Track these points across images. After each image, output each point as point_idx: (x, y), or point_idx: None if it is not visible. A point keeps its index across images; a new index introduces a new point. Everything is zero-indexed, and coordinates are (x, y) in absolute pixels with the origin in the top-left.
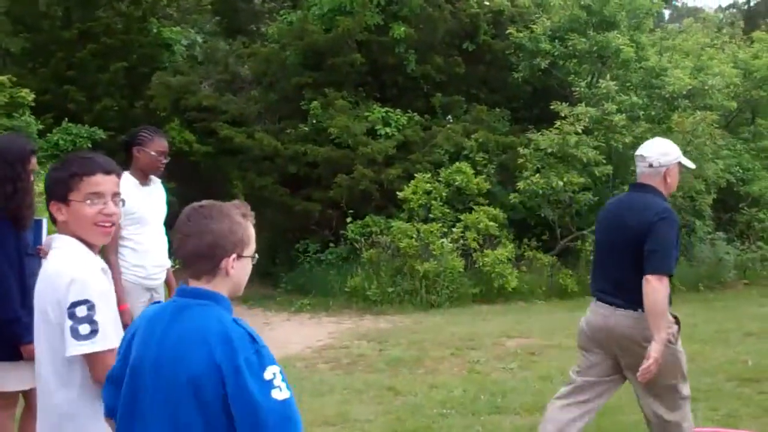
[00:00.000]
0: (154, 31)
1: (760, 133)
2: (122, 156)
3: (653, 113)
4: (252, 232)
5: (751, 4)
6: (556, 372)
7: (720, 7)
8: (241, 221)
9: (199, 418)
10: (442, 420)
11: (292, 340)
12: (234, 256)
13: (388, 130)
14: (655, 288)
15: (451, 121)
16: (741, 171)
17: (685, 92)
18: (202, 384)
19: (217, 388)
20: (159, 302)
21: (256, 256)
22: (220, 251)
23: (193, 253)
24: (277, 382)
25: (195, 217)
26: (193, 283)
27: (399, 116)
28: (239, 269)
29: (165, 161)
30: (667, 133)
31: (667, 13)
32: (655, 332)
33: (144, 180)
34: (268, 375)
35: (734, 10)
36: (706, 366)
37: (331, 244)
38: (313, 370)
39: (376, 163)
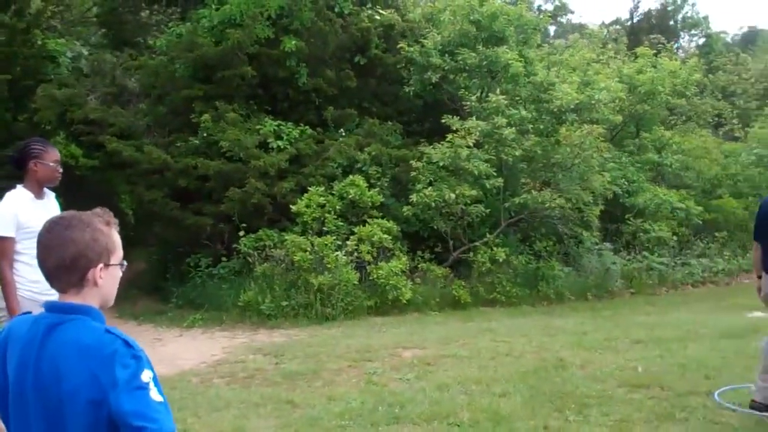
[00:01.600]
0: (39, 42)
1: (645, 146)
2: (8, 169)
3: (542, 127)
4: (117, 239)
5: (634, 20)
6: (453, 381)
7: (603, 23)
8: (103, 229)
9: (86, 430)
10: (341, 431)
11: (184, 355)
12: (101, 265)
13: (280, 143)
14: None
15: (344, 134)
16: (626, 183)
17: (572, 106)
18: (83, 397)
19: (97, 398)
20: (29, 312)
21: (125, 263)
22: (85, 261)
23: (57, 266)
24: (153, 385)
25: (56, 229)
26: (62, 298)
27: (291, 129)
28: (107, 278)
29: (61, 171)
30: (555, 146)
31: (552, 29)
32: None
33: (39, 193)
34: (145, 378)
35: (618, 27)
36: (596, 373)
37: (224, 258)
38: (209, 385)
39: (268, 176)
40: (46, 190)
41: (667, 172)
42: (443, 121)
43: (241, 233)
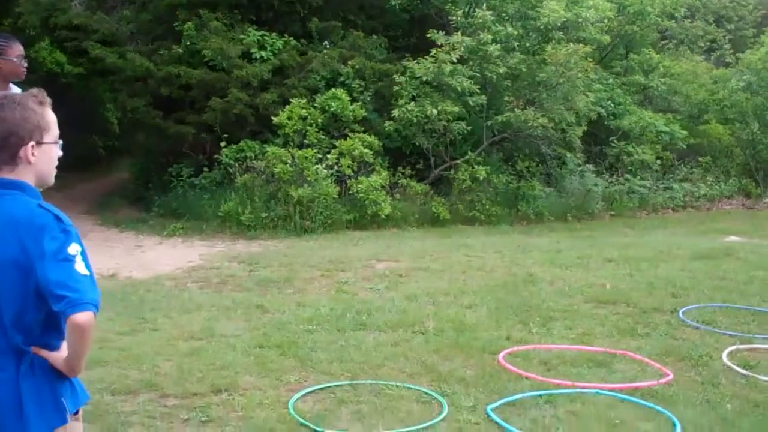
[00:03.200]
0: None
1: (632, 68)
2: None
3: (528, 44)
4: (51, 117)
5: None
6: (422, 292)
7: None
8: (35, 108)
9: (20, 297)
10: (308, 335)
11: (162, 261)
12: (32, 143)
13: (263, 53)
14: None
15: (328, 46)
16: (612, 105)
17: (559, 24)
18: (13, 267)
19: (26, 268)
20: None
21: (60, 141)
22: (16, 139)
23: None
24: (79, 258)
25: None
26: None
27: (275, 40)
28: (41, 156)
29: (26, 65)
30: (541, 64)
31: None
32: None
33: (4, 88)
34: (72, 251)
35: None
36: (565, 288)
37: (205, 169)
38: (182, 289)
39: (251, 87)
40: (11, 85)
41: (654, 95)
42: (428, 35)
43: (223, 144)
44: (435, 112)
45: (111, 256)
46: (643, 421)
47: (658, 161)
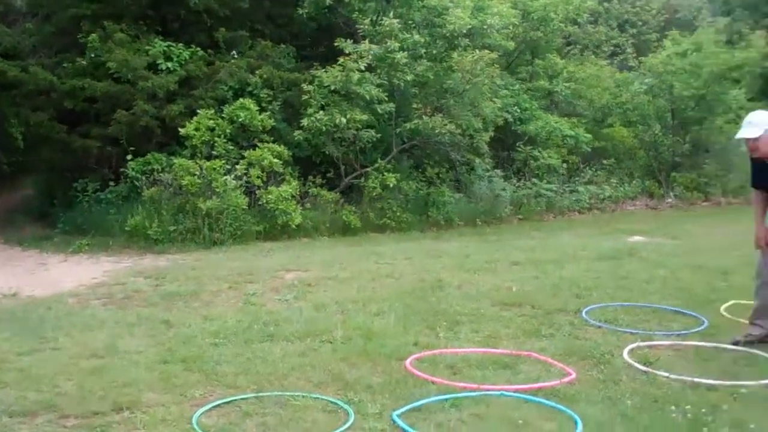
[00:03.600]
0: None
1: (538, 73)
2: None
3: (435, 52)
4: None
5: None
6: (331, 301)
7: None
8: None
9: None
10: (214, 349)
11: (66, 279)
12: None
13: (169, 64)
14: None
15: (236, 56)
16: (519, 110)
17: (465, 31)
18: None
19: None
20: None
21: None
22: None
23: None
24: None
25: None
26: None
27: (181, 51)
28: None
29: None
30: (448, 71)
31: None
32: None
33: None
34: None
35: None
36: (472, 292)
37: (111, 183)
38: (85, 306)
39: (157, 98)
40: None
41: (559, 100)
42: (336, 44)
43: (129, 157)
44: (344, 120)
45: (13, 275)
46: (546, 421)
47: (564, 165)
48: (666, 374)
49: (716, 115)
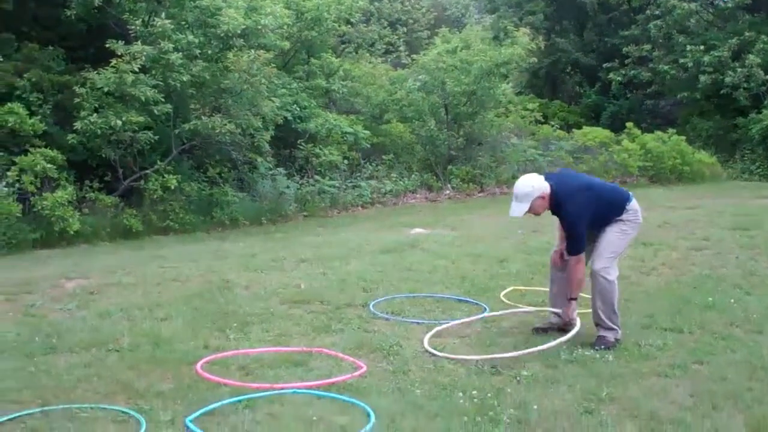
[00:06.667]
0: None
1: (314, 72)
2: None
3: (210, 52)
4: None
5: None
6: (115, 308)
7: None
8: None
9: None
10: None
11: None
12: None
13: None
14: None
15: (1, 60)
16: (298, 109)
17: (239, 32)
18: None
19: None
20: None
21: None
22: None
23: None
24: None
25: None
26: None
27: None
28: None
29: None
30: (225, 71)
31: None
32: None
33: None
34: None
35: None
36: (260, 292)
37: None
38: None
39: None
40: None
41: (337, 98)
42: (108, 46)
43: None
44: (119, 122)
45: None
46: (340, 415)
47: (345, 161)
48: (476, 357)
49: (487, 109)
